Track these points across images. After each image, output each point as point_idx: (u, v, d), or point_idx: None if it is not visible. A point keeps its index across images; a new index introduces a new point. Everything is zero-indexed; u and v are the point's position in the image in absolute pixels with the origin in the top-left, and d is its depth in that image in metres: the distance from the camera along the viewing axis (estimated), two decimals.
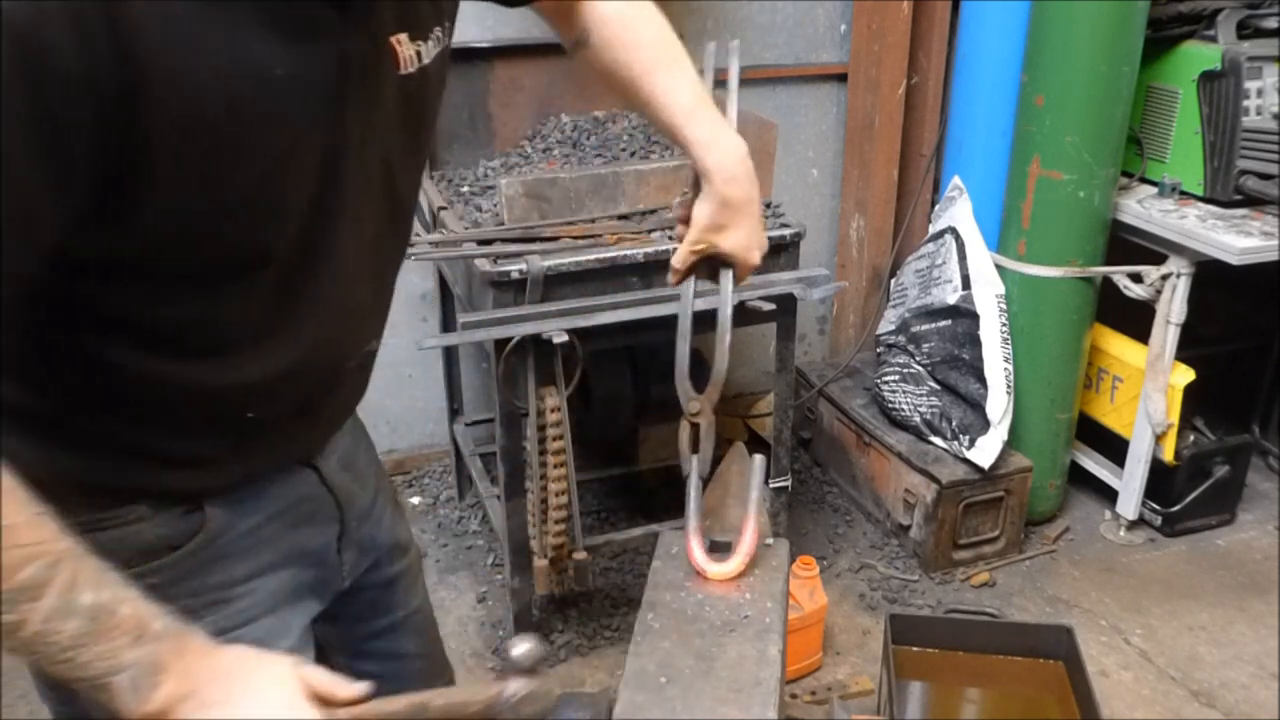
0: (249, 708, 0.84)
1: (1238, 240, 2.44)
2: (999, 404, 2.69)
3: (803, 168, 3.35)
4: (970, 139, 2.83)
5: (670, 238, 2.22)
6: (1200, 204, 2.66)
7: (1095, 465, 3.02)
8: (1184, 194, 2.71)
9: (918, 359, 2.88)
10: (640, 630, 1.14)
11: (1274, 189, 2.53)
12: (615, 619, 2.59)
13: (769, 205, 2.44)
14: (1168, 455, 2.79)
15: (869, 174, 3.23)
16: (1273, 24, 2.57)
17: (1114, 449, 2.94)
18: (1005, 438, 2.70)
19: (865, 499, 3.05)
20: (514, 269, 2.08)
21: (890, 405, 2.92)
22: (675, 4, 1.22)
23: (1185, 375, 2.71)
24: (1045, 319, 2.75)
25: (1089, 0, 2.42)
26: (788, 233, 2.30)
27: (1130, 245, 2.73)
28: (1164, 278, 2.64)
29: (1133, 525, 2.95)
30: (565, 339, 2.06)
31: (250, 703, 0.85)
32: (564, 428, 2.18)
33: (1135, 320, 2.76)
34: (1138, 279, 2.69)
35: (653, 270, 2.19)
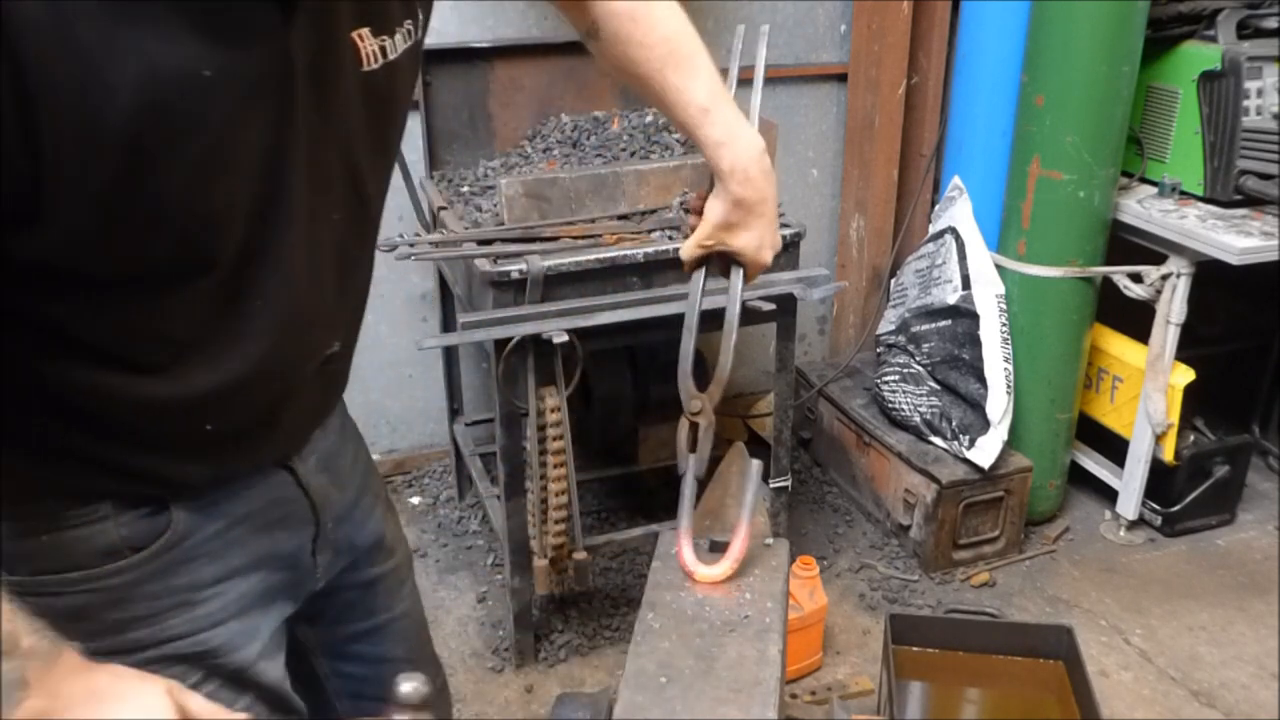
0: None
1: (1238, 240, 2.44)
2: (999, 404, 2.69)
3: (803, 168, 3.35)
4: (970, 139, 2.83)
5: (670, 238, 2.22)
6: (1200, 204, 2.66)
7: (1095, 465, 3.02)
8: (1184, 194, 2.71)
9: (918, 359, 2.88)
10: (640, 630, 1.14)
11: (1274, 189, 2.53)
12: (615, 619, 2.59)
13: None
14: (1168, 455, 2.79)
15: (869, 174, 3.23)
16: (1273, 24, 2.57)
17: (1114, 449, 2.94)
18: (1005, 438, 2.70)
19: (865, 499, 3.05)
20: (514, 269, 2.08)
21: (890, 405, 2.92)
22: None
23: (1185, 375, 2.71)
24: (1045, 319, 2.75)
25: (1089, 0, 2.42)
26: (788, 233, 2.30)
27: (1130, 245, 2.73)
28: (1164, 278, 2.64)
29: (1133, 525, 2.95)
30: (565, 339, 2.06)
31: None
32: (564, 428, 2.18)
33: (1135, 320, 2.76)
34: (1138, 279, 2.69)
35: (653, 270, 2.19)
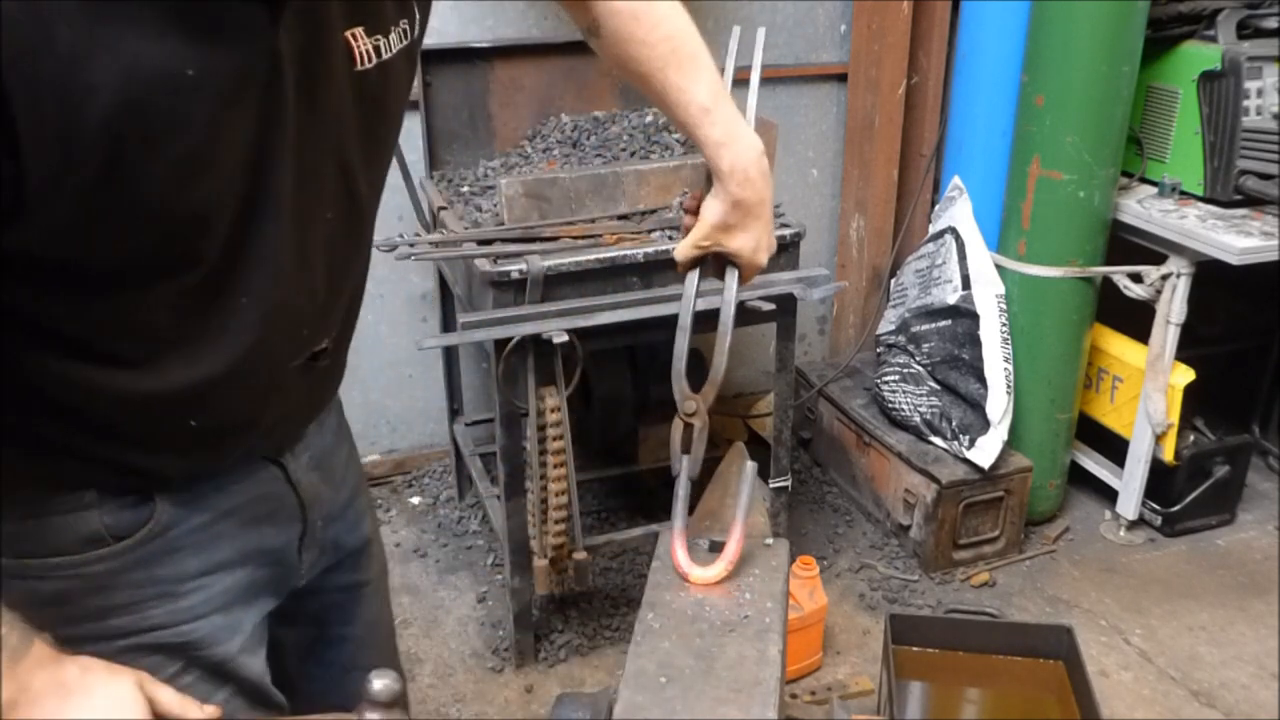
0: (83, 717, 0.85)
1: (1238, 240, 2.44)
2: (999, 404, 2.69)
3: (803, 168, 3.35)
4: (970, 139, 2.83)
5: (670, 238, 2.22)
6: (1200, 204, 2.66)
7: (1095, 465, 3.02)
8: (1184, 194, 2.71)
9: (918, 359, 2.88)
10: (640, 630, 1.14)
11: (1274, 189, 2.53)
12: (615, 619, 2.59)
13: None
14: (1168, 455, 2.79)
15: (869, 174, 3.23)
16: (1273, 24, 2.57)
17: (1114, 449, 2.94)
18: (1005, 438, 2.70)
19: (865, 499, 3.05)
20: (514, 269, 2.08)
21: (890, 405, 2.92)
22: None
23: (1185, 375, 2.71)
24: (1045, 319, 2.75)
25: (1089, 0, 2.42)
26: (788, 233, 2.30)
27: (1130, 245, 2.73)
28: (1164, 278, 2.64)
29: (1133, 525, 2.95)
30: (565, 339, 2.06)
31: (85, 713, 0.85)
32: (564, 428, 2.18)
33: (1135, 320, 2.76)
34: (1138, 279, 2.69)
35: (653, 270, 2.19)
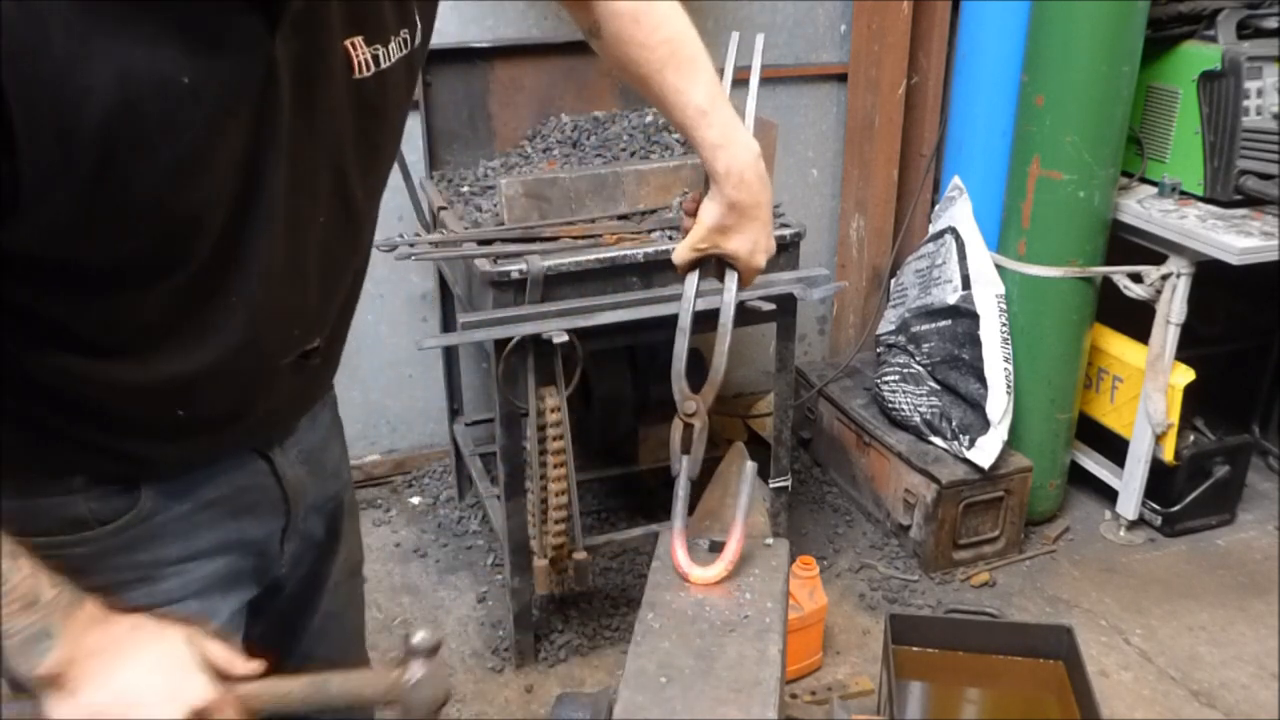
0: (138, 673, 0.88)
1: (1238, 240, 2.44)
2: (999, 404, 2.69)
3: (803, 168, 3.35)
4: (970, 139, 2.83)
5: (670, 238, 2.22)
6: (1200, 204, 2.66)
7: (1095, 465, 3.02)
8: (1184, 194, 2.71)
9: (918, 359, 2.88)
10: (640, 630, 1.14)
11: (1274, 189, 2.53)
12: (615, 619, 2.59)
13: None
14: (1168, 455, 2.79)
15: (869, 174, 3.23)
16: (1273, 24, 2.57)
17: (1114, 449, 2.94)
18: (1005, 438, 2.70)
19: (865, 499, 3.05)
20: (514, 269, 2.08)
21: (890, 405, 2.92)
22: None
23: (1185, 375, 2.71)
24: (1045, 319, 2.75)
25: (1089, 0, 2.42)
26: (788, 233, 2.30)
27: (1130, 245, 2.73)
28: (1164, 278, 2.64)
29: (1133, 525, 2.95)
30: (565, 339, 2.06)
31: (139, 669, 0.88)
32: (564, 428, 2.18)
33: (1135, 320, 2.76)
34: (1138, 279, 2.69)
35: (653, 270, 2.19)
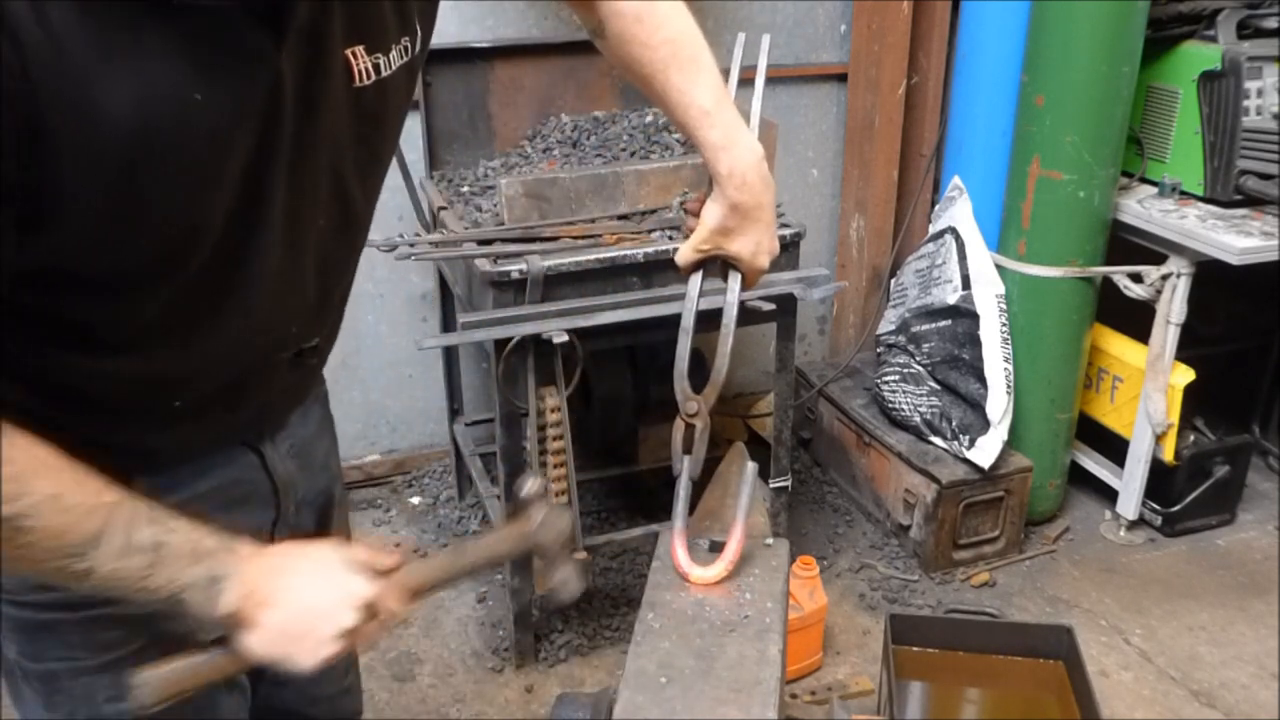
0: (306, 591, 0.96)
1: (1238, 240, 2.44)
2: (999, 404, 2.69)
3: (803, 168, 3.35)
4: (970, 139, 2.83)
5: (670, 238, 2.22)
6: (1200, 204, 2.66)
7: (1095, 465, 3.02)
8: (1184, 194, 2.71)
9: (918, 359, 2.88)
10: (640, 630, 1.14)
11: (1274, 189, 2.53)
12: (615, 619, 2.59)
13: None
14: (1168, 455, 2.79)
15: (869, 174, 3.23)
16: (1273, 24, 2.57)
17: (1114, 449, 2.94)
18: (1005, 438, 2.70)
19: (865, 499, 3.05)
20: (514, 269, 2.08)
21: (890, 405, 2.92)
22: None
23: (1185, 375, 2.71)
24: (1045, 319, 2.75)
25: (1089, 0, 2.42)
26: (788, 233, 2.30)
27: (1130, 245, 2.73)
28: (1164, 278, 2.64)
29: (1133, 525, 2.95)
30: (565, 339, 2.06)
31: (306, 584, 0.96)
32: (564, 428, 2.18)
33: (1135, 320, 2.76)
34: (1138, 279, 2.69)
35: (653, 270, 2.19)
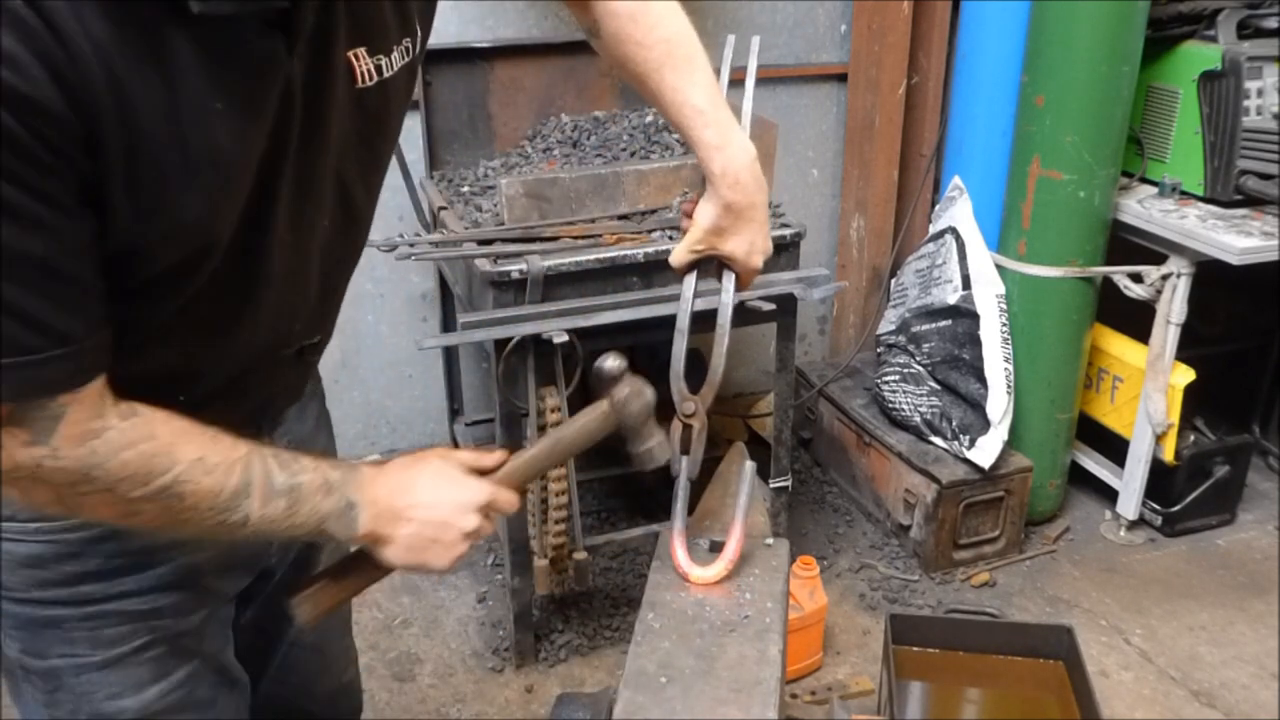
0: (429, 504, 1.06)
1: (1238, 240, 2.44)
2: (999, 404, 2.69)
3: (803, 168, 3.35)
4: (970, 139, 2.83)
5: (670, 238, 2.22)
6: (1200, 204, 2.66)
7: (1095, 465, 3.02)
8: (1184, 194, 2.71)
9: (918, 359, 2.88)
10: (640, 630, 1.14)
11: (1274, 189, 2.53)
12: (615, 619, 2.59)
13: (769, 205, 2.44)
14: (1168, 455, 2.79)
15: (869, 174, 3.23)
16: (1273, 24, 2.57)
17: (1114, 449, 2.93)
18: (1005, 438, 2.70)
19: (865, 499, 3.05)
20: (514, 269, 2.08)
21: (890, 405, 2.92)
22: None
23: (1185, 375, 2.71)
24: (1045, 319, 2.75)
25: (1089, 0, 2.42)
26: (788, 233, 2.30)
27: (1130, 245, 2.73)
28: (1164, 278, 2.64)
29: (1133, 525, 2.95)
30: (565, 339, 2.06)
31: (429, 500, 1.06)
32: None
33: (1135, 320, 2.76)
34: (1138, 279, 2.69)
35: (653, 270, 2.19)
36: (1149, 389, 2.72)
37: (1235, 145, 2.56)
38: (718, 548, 1.24)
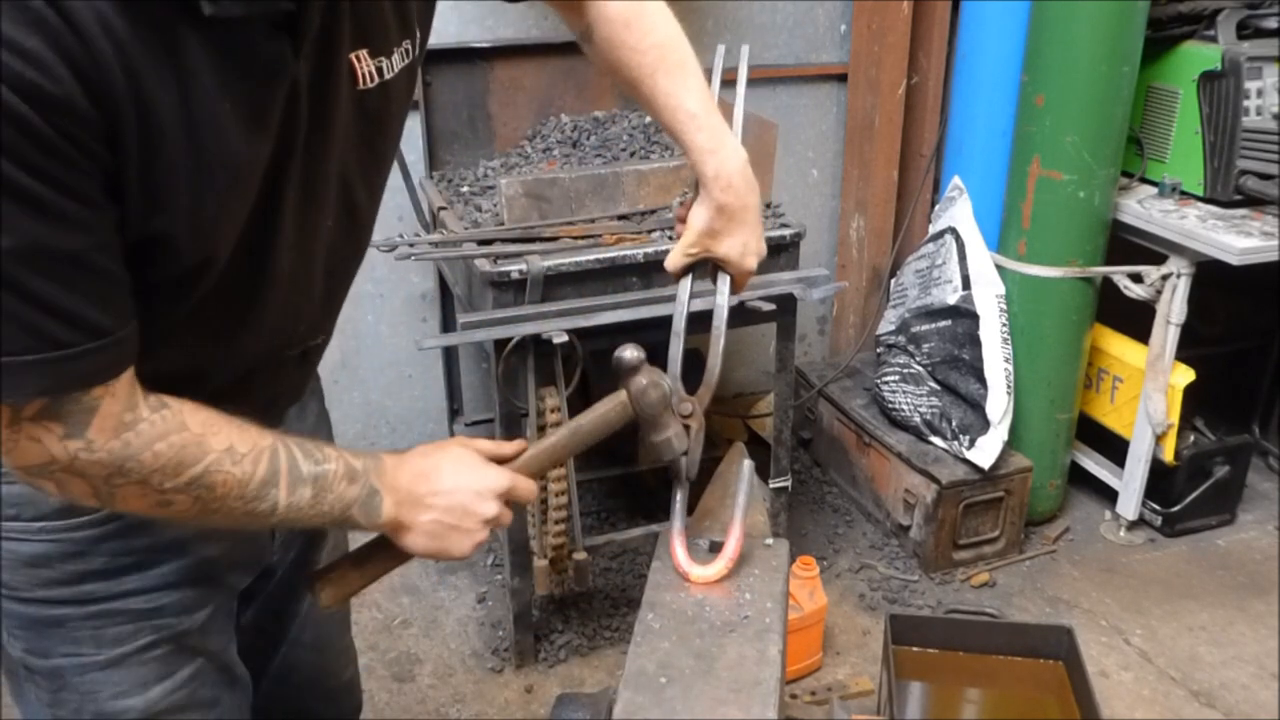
0: (450, 491, 1.08)
1: (1238, 240, 2.44)
2: (999, 404, 2.69)
3: (803, 168, 3.35)
4: (970, 139, 2.83)
5: (670, 238, 2.22)
6: (1200, 204, 2.66)
7: (1095, 465, 3.02)
8: (1184, 194, 2.71)
9: (918, 359, 2.88)
10: (640, 630, 1.14)
11: (1274, 189, 2.53)
12: (615, 619, 2.59)
13: (769, 206, 2.44)
14: (1168, 455, 2.79)
15: (869, 174, 3.23)
16: (1273, 24, 2.57)
17: (1114, 449, 2.93)
18: (1005, 438, 2.70)
19: (865, 499, 3.05)
20: (514, 269, 2.08)
21: (890, 405, 2.92)
22: (675, 4, 1.22)
23: (1185, 375, 2.71)
24: (1045, 319, 2.75)
25: (1089, 0, 2.42)
26: (788, 233, 2.30)
27: (1130, 245, 2.73)
28: (1164, 278, 2.64)
29: (1133, 525, 2.95)
30: (565, 339, 2.06)
31: (449, 487, 1.08)
32: None
33: (1135, 320, 2.76)
34: (1138, 279, 2.69)
35: (653, 270, 2.19)
36: (1149, 389, 2.72)
37: (1235, 145, 2.56)
38: (717, 548, 1.24)
